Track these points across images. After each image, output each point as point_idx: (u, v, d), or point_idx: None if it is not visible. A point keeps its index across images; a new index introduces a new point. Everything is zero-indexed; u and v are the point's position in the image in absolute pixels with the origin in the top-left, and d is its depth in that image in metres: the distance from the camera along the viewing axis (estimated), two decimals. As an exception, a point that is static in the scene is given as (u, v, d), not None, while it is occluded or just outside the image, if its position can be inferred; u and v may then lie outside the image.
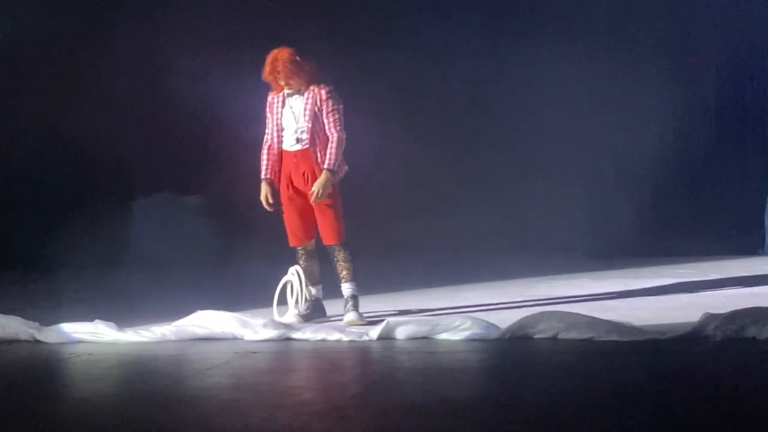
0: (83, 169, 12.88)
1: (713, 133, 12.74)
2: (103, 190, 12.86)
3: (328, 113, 8.34)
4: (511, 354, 6.89)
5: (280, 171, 8.45)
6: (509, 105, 12.85)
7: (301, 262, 8.50)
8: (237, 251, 12.13)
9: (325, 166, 8.28)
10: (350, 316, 8.27)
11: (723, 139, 12.73)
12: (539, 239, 12.35)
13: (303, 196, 8.40)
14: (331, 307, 8.60)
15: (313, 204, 8.32)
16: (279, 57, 8.30)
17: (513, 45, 12.83)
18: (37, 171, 12.69)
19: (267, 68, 8.34)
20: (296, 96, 8.36)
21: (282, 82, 8.33)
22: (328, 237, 8.43)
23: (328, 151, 8.31)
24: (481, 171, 12.74)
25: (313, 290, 8.53)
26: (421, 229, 12.49)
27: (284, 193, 8.45)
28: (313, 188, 8.27)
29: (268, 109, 8.49)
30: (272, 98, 8.46)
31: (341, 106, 8.40)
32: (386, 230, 11.91)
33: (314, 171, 8.33)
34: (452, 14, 13.02)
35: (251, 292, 9.99)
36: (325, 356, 7.12)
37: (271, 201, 8.42)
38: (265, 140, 8.51)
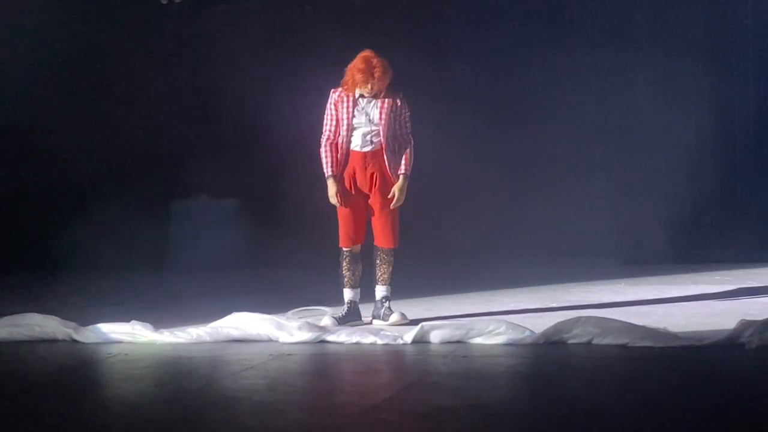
0: (121, 172, 12.95)
1: (751, 138, 12.67)
2: (141, 192, 12.92)
3: (403, 119, 8.37)
4: (546, 359, 6.88)
5: (343, 169, 8.36)
6: (546, 112, 12.82)
7: (345, 264, 8.43)
8: (273, 254, 12.17)
9: (403, 171, 8.32)
10: (395, 316, 8.32)
11: (761, 145, 12.66)
12: (575, 245, 12.32)
13: (364, 197, 8.36)
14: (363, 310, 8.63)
15: (391, 206, 8.28)
16: (376, 64, 8.21)
17: (551, 51, 12.82)
18: (75, 173, 12.78)
19: (361, 75, 8.19)
20: (369, 98, 8.31)
21: (369, 87, 8.23)
22: (385, 239, 8.41)
23: (405, 156, 8.34)
24: (517, 177, 12.72)
25: (351, 293, 8.46)
26: (458, 235, 12.49)
27: (349, 193, 8.35)
28: (393, 191, 8.27)
29: (333, 107, 8.34)
30: (340, 96, 8.33)
31: (409, 113, 8.44)
32: (423, 235, 11.91)
33: (383, 173, 8.31)
34: (490, 24, 13.02)
35: (287, 294, 10.03)
36: (360, 359, 7.13)
37: (342, 197, 8.31)
38: (326, 137, 8.36)
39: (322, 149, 8.38)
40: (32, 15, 12.47)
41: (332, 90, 8.40)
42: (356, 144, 8.32)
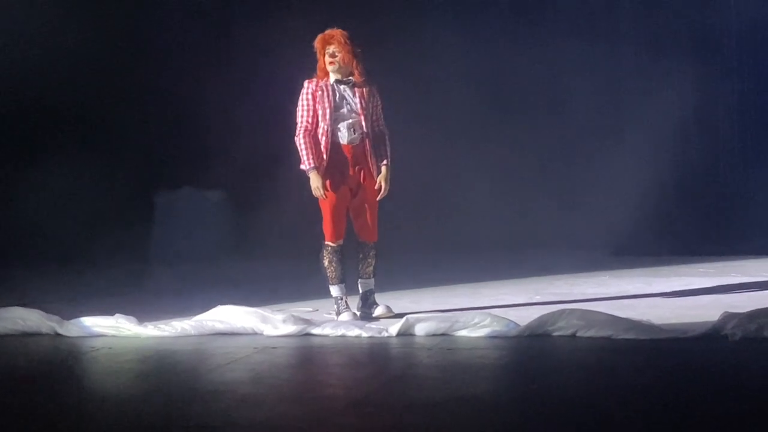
0: (106, 164, 12.93)
1: (736, 133, 12.72)
2: (125, 184, 12.91)
3: (378, 109, 8.28)
4: (530, 351, 6.89)
5: (327, 162, 8.12)
6: (532, 103, 12.85)
7: (332, 259, 8.27)
8: (258, 246, 12.17)
9: (386, 161, 8.22)
10: (380, 309, 8.28)
11: (746, 140, 12.70)
12: (560, 237, 12.35)
13: (349, 191, 8.21)
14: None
15: (378, 198, 8.20)
16: (333, 33, 8.14)
17: (537, 46, 12.85)
18: (60, 165, 12.75)
19: (321, 44, 8.12)
20: (345, 87, 8.18)
21: (335, 57, 8.08)
22: (370, 234, 8.31)
23: (387, 147, 8.25)
24: (502, 169, 12.74)
25: (340, 289, 8.33)
26: (442, 227, 12.50)
27: (336, 187, 8.15)
28: (380, 182, 8.17)
29: (309, 98, 8.13)
30: (318, 86, 8.14)
31: (381, 104, 8.36)
32: (407, 228, 11.93)
33: (369, 166, 8.21)
34: (475, 12, 13.03)
35: (272, 287, 10.03)
36: (345, 352, 7.13)
37: (327, 189, 8.11)
38: (304, 129, 8.11)
39: (300, 141, 8.13)
40: (21, 15, 12.51)
41: (307, 81, 8.21)
42: (343, 137, 8.14)
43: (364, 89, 8.21)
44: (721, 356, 6.52)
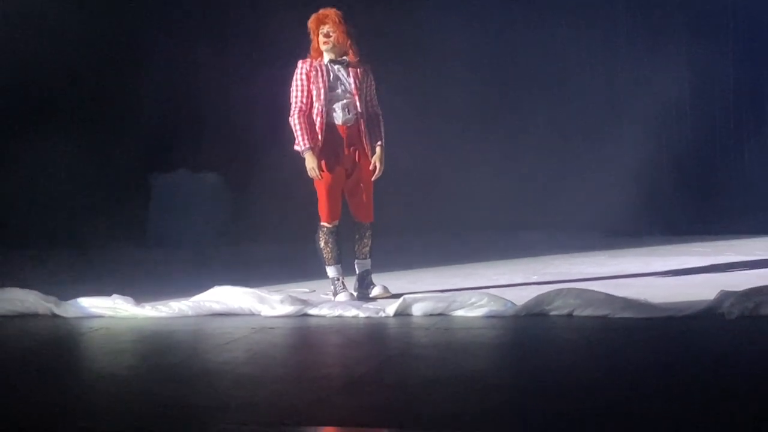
0: (102, 147, 12.93)
1: (732, 113, 12.73)
2: (121, 166, 12.90)
3: (371, 89, 8.28)
4: (527, 331, 6.90)
5: (322, 143, 8.14)
6: (528, 85, 12.86)
7: (328, 240, 8.30)
8: (254, 228, 12.17)
9: (381, 141, 8.23)
10: (377, 289, 8.31)
11: (742, 119, 12.72)
12: (557, 217, 12.36)
13: (344, 172, 8.23)
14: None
15: (372, 179, 8.23)
16: (327, 13, 8.15)
17: (534, 30, 12.84)
18: (56, 148, 12.75)
19: (314, 25, 8.12)
20: (339, 67, 8.19)
21: (329, 37, 8.09)
22: (366, 214, 8.33)
23: (379, 126, 8.25)
24: (499, 149, 12.74)
25: (337, 269, 8.36)
26: (438, 207, 12.51)
27: (331, 168, 8.17)
28: (376, 164, 8.18)
29: (303, 78, 8.13)
30: (312, 66, 8.15)
31: (375, 85, 8.35)
32: (404, 208, 11.93)
33: (364, 146, 8.22)
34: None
35: (269, 268, 10.03)
36: (342, 332, 7.13)
37: (323, 170, 8.13)
38: (298, 109, 8.11)
39: (294, 122, 8.13)
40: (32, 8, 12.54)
41: (301, 61, 8.21)
42: (338, 118, 8.15)
43: (358, 69, 8.22)
44: (718, 334, 6.54)
